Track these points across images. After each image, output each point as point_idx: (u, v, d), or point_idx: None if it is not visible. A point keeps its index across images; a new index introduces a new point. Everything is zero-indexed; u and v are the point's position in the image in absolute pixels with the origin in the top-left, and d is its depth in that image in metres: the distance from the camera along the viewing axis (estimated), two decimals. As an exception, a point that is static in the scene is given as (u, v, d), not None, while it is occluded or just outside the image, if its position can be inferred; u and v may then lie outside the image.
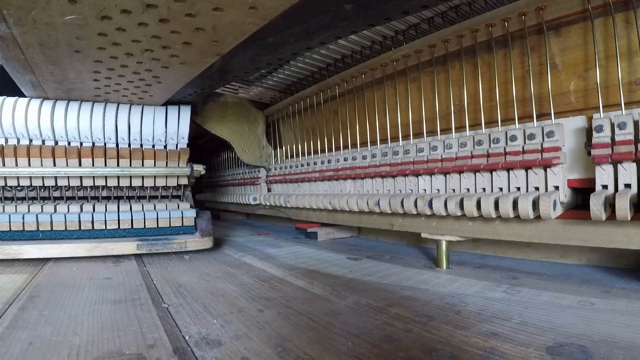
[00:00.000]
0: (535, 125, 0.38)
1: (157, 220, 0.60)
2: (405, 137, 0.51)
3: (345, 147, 0.60)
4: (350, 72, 0.58)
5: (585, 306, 0.29)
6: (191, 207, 0.63)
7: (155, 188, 0.65)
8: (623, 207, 0.29)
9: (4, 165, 0.55)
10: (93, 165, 0.59)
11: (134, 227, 0.58)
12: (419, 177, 0.46)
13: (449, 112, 0.45)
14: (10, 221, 0.52)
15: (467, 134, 0.43)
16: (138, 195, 0.65)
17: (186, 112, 0.67)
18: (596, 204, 0.30)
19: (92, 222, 0.57)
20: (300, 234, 0.71)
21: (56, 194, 0.61)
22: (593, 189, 0.33)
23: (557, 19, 0.37)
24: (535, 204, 0.34)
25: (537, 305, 0.30)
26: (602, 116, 0.33)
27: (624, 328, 0.24)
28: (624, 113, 0.32)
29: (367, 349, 0.23)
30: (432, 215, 0.43)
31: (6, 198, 0.58)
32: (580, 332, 0.24)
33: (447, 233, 0.43)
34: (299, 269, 0.44)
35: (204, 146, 1.18)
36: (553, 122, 0.36)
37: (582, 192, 0.38)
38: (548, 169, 0.35)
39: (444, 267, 0.43)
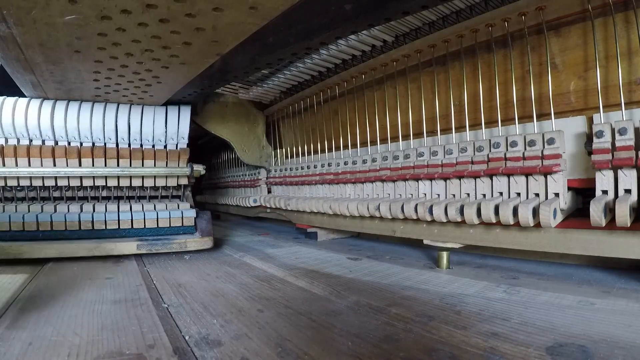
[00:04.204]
0: (535, 125, 0.38)
1: (157, 221, 0.60)
2: (405, 137, 0.51)
3: (345, 147, 0.60)
4: (351, 72, 0.58)
5: (585, 306, 0.29)
6: (191, 207, 0.63)
7: (155, 188, 0.65)
8: (623, 214, 0.29)
9: (4, 165, 0.55)
10: (93, 165, 0.59)
11: (134, 227, 0.58)
12: (419, 182, 0.46)
13: (449, 112, 0.45)
14: (10, 221, 0.52)
15: (468, 137, 0.43)
16: (138, 195, 0.65)
17: (186, 112, 0.67)
18: (596, 210, 0.30)
19: (92, 222, 0.57)
20: (300, 234, 0.71)
21: (56, 194, 0.61)
22: (593, 190, 0.33)
23: (557, 19, 0.37)
24: (535, 212, 0.34)
25: (537, 305, 0.30)
26: (602, 117, 0.33)
27: (624, 328, 0.24)
28: (624, 114, 0.32)
29: (367, 349, 0.23)
30: (433, 222, 0.43)
31: (6, 198, 0.58)
32: (580, 332, 0.24)
33: (449, 240, 0.43)
34: (299, 269, 0.44)
35: (204, 146, 1.18)
36: (553, 126, 0.36)
37: (582, 193, 0.38)
38: (548, 176, 0.35)
39: (444, 267, 0.43)
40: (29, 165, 0.56)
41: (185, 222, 0.61)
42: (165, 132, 0.66)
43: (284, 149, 0.81)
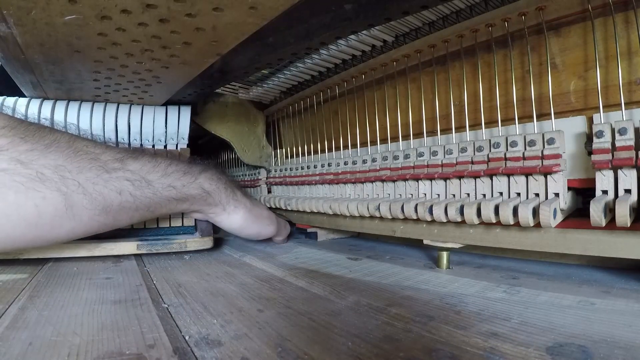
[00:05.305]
0: (535, 125, 0.38)
1: (157, 221, 0.60)
2: (405, 137, 0.51)
3: (346, 147, 0.60)
4: (351, 72, 0.58)
5: (585, 306, 0.29)
6: (191, 207, 0.63)
7: (155, 188, 0.65)
8: (623, 214, 0.29)
9: (4, 165, 0.55)
10: (93, 165, 0.59)
11: (134, 227, 0.58)
12: (419, 182, 0.46)
13: (449, 112, 0.45)
14: (10, 221, 0.52)
15: (468, 137, 0.43)
16: (138, 195, 0.64)
17: (186, 112, 0.67)
18: (596, 210, 0.30)
19: (92, 222, 0.56)
20: (300, 234, 0.71)
21: (56, 194, 0.61)
22: (593, 190, 0.33)
23: (557, 19, 0.37)
24: (535, 212, 0.34)
25: (537, 305, 0.30)
26: (602, 117, 0.33)
27: (624, 328, 0.24)
28: (624, 114, 0.32)
29: (367, 349, 0.23)
30: (433, 222, 0.43)
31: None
32: (580, 332, 0.24)
33: (449, 240, 0.43)
34: (299, 269, 0.44)
35: (204, 146, 1.18)
36: (553, 126, 0.36)
37: (582, 193, 0.38)
38: (548, 176, 0.35)
39: (444, 267, 0.43)
40: (29, 165, 0.56)
41: (185, 222, 0.61)
42: (165, 132, 0.66)
43: (284, 149, 0.81)
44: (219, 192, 0.51)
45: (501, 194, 0.38)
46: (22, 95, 0.59)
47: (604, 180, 0.32)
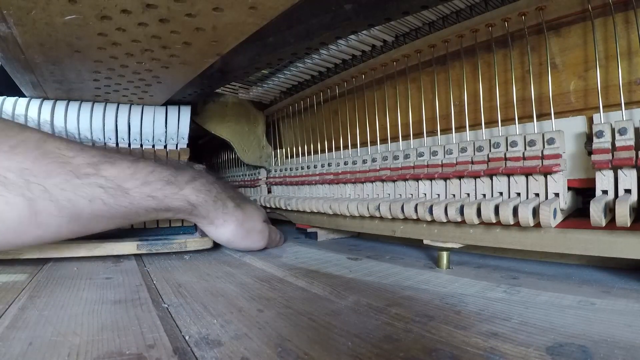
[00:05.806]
0: (535, 125, 0.38)
1: (157, 220, 0.60)
2: (405, 137, 0.51)
3: (346, 147, 0.60)
4: (351, 72, 0.58)
5: (585, 306, 0.29)
6: (191, 207, 0.63)
7: (155, 188, 0.65)
8: (623, 214, 0.29)
9: (4, 165, 0.55)
10: (93, 165, 0.59)
11: (134, 227, 0.58)
12: (419, 182, 0.46)
13: (449, 112, 0.45)
14: (10, 221, 0.52)
15: (468, 137, 0.43)
16: (138, 195, 0.64)
17: (186, 112, 0.67)
18: (596, 210, 0.30)
19: (92, 222, 0.56)
20: (300, 234, 0.71)
21: (56, 194, 0.61)
22: (593, 190, 0.33)
23: (557, 19, 0.37)
24: (535, 212, 0.34)
25: (537, 305, 0.30)
26: (602, 117, 0.33)
27: (624, 328, 0.24)
28: (624, 114, 0.32)
29: (367, 349, 0.23)
30: (433, 222, 0.43)
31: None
32: (580, 332, 0.24)
33: (449, 240, 0.43)
34: (299, 269, 0.44)
35: (204, 146, 1.18)
36: (553, 126, 0.36)
37: (582, 193, 0.38)
38: (548, 176, 0.35)
39: (444, 267, 0.43)
40: (29, 165, 0.56)
41: (185, 222, 0.61)
42: (165, 132, 0.66)
43: (284, 149, 0.81)
44: (207, 205, 0.47)
45: (501, 194, 0.38)
46: (22, 95, 0.59)
47: (604, 180, 0.32)
